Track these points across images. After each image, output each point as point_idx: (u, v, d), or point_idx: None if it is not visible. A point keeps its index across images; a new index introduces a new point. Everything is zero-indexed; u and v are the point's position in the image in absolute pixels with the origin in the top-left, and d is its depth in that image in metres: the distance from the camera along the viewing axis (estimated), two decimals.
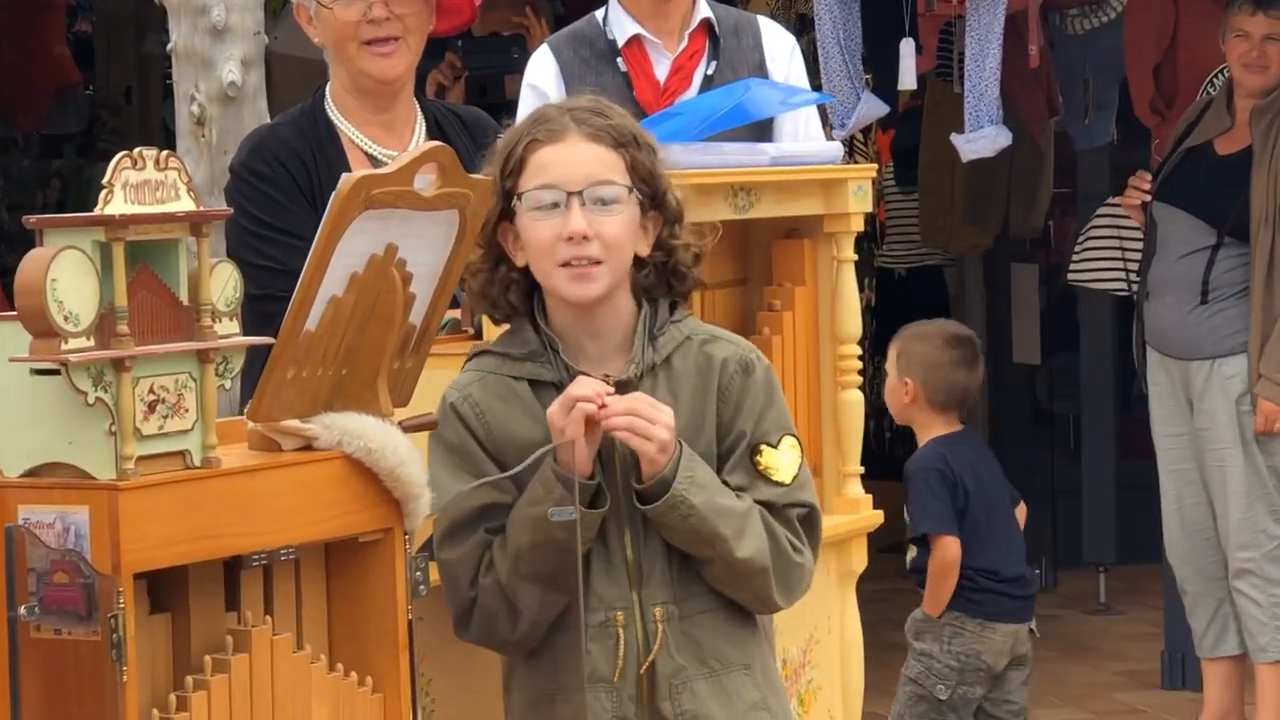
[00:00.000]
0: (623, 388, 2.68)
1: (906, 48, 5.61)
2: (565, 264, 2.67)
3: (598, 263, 2.66)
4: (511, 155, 2.71)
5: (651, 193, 2.70)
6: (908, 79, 5.63)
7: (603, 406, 2.63)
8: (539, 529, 2.64)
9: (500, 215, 2.71)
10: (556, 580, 2.66)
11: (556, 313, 2.72)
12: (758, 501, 2.72)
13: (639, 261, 2.71)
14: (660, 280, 2.73)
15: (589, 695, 2.67)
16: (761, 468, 2.72)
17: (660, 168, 2.71)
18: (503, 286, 2.74)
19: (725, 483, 2.72)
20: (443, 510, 2.68)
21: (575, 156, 2.67)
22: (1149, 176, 5.64)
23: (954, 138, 5.59)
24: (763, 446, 2.72)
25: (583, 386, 2.64)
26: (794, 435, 2.76)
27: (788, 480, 2.73)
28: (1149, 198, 5.59)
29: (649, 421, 2.63)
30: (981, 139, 5.47)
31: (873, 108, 5.70)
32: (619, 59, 3.83)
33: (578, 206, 2.66)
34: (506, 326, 2.79)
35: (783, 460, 2.72)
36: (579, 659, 2.67)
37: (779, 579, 2.72)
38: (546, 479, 2.64)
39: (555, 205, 2.68)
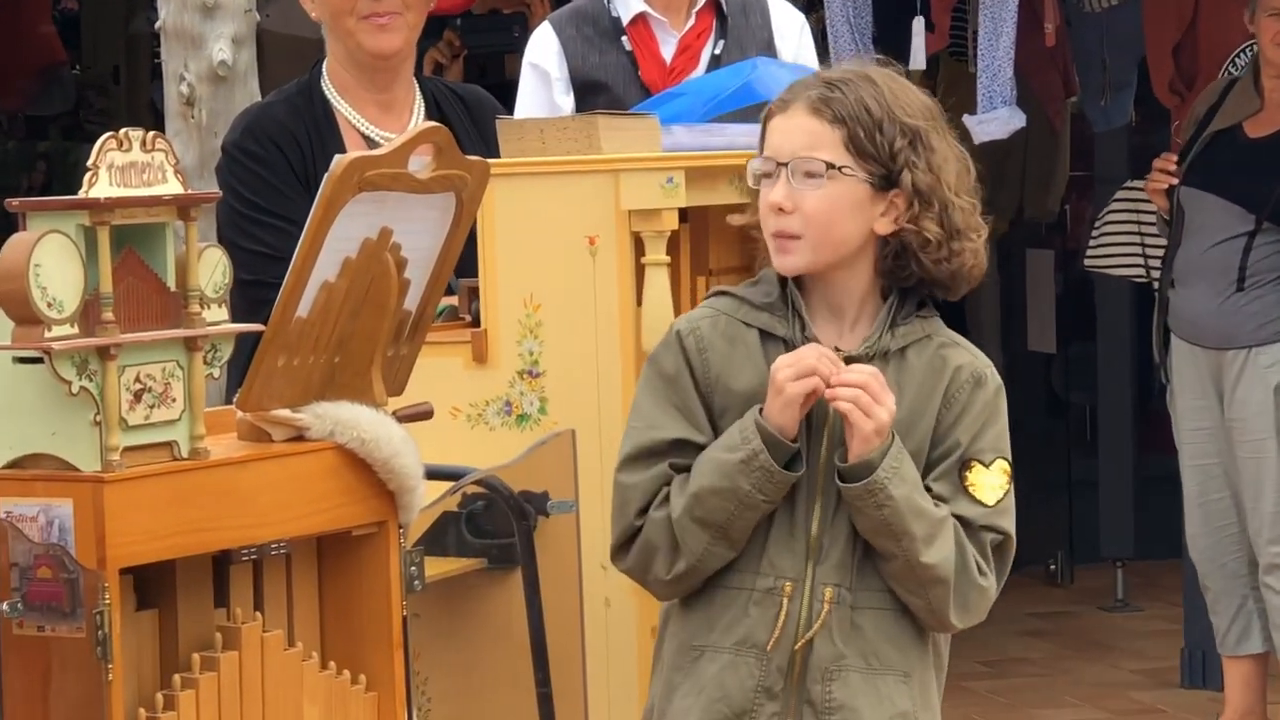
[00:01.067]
0: (851, 361, 2.67)
1: (917, 26, 5.55)
2: (773, 234, 2.69)
3: (797, 236, 2.67)
4: (763, 120, 2.75)
5: (885, 172, 2.67)
6: (918, 59, 5.57)
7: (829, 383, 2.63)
8: (724, 474, 2.63)
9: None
10: (726, 531, 2.65)
11: (799, 276, 2.72)
12: (955, 516, 2.70)
13: (885, 241, 2.69)
14: (900, 263, 2.69)
15: (738, 659, 2.66)
16: (968, 484, 2.70)
17: (904, 144, 2.67)
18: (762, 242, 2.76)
19: (928, 488, 2.69)
20: (633, 431, 2.69)
21: (790, 127, 2.68)
22: (1175, 158, 5.54)
23: (966, 119, 5.52)
24: (974, 463, 2.70)
25: (818, 357, 2.64)
26: (1008, 460, 2.74)
27: (991, 502, 2.70)
28: (1176, 181, 5.50)
29: (874, 400, 2.62)
30: (994, 120, 5.41)
31: None
32: (624, 37, 3.78)
33: (784, 178, 2.67)
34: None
35: (991, 481, 2.70)
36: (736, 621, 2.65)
37: (958, 596, 2.69)
38: (746, 428, 2.64)
39: (769, 174, 2.69)
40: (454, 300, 3.27)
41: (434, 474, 2.64)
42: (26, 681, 2.22)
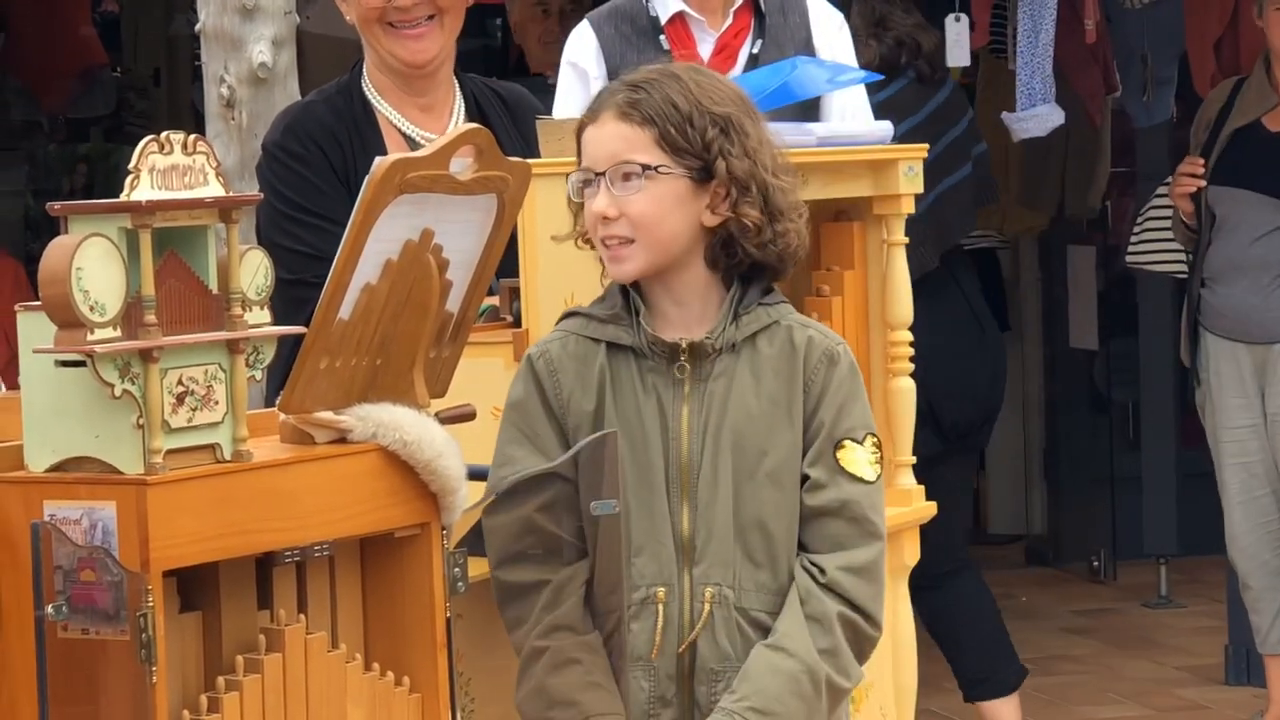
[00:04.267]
0: (696, 351, 2.66)
1: (958, 24, 5.52)
2: (604, 242, 2.68)
3: (629, 241, 2.66)
4: (576, 134, 2.74)
5: (701, 164, 2.66)
6: (959, 56, 5.54)
7: None
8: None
9: None
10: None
11: (642, 281, 2.72)
12: (839, 500, 2.66)
13: (713, 231, 2.69)
14: (729, 251, 2.69)
15: (626, 674, 2.64)
16: (844, 463, 2.68)
17: (715, 134, 2.66)
18: None
19: (806, 476, 2.67)
20: (491, 474, 2.67)
21: (602, 136, 2.68)
22: (1201, 161, 5.53)
23: (1005, 116, 5.49)
24: (846, 441, 2.69)
25: None
26: (876, 435, 2.72)
27: (872, 478, 2.68)
28: (1204, 183, 5.48)
29: None
30: (1034, 118, 5.38)
31: None
32: (661, 36, 3.77)
33: (604, 187, 2.67)
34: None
35: (867, 457, 2.69)
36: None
37: (854, 662, 2.66)
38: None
39: (589, 184, 2.69)
40: (495, 301, 3.26)
41: (477, 475, 2.64)
42: (71, 684, 2.22)
